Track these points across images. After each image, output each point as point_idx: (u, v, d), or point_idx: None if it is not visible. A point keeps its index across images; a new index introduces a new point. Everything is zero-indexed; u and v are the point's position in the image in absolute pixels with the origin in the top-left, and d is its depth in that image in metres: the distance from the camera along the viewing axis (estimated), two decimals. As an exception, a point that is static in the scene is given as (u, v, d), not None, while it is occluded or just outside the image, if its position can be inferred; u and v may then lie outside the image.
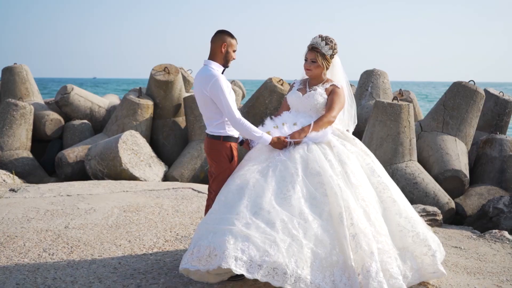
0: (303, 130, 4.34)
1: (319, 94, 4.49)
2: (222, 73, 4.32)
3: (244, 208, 3.88)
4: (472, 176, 9.40)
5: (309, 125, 4.35)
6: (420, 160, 9.11)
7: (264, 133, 4.25)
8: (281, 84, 10.84)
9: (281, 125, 4.41)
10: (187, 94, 11.06)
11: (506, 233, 6.43)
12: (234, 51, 4.37)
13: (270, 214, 3.85)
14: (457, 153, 9.04)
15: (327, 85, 4.55)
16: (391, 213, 4.25)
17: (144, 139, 9.90)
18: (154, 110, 10.60)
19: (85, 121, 11.12)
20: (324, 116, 4.42)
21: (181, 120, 10.87)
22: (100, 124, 11.49)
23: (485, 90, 10.44)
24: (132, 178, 9.12)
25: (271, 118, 4.56)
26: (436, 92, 73.82)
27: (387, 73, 11.02)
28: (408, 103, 8.79)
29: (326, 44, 4.45)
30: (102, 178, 9.22)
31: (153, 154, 9.87)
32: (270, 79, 10.91)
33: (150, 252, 5.09)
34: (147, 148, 9.79)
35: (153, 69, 10.67)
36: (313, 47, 4.49)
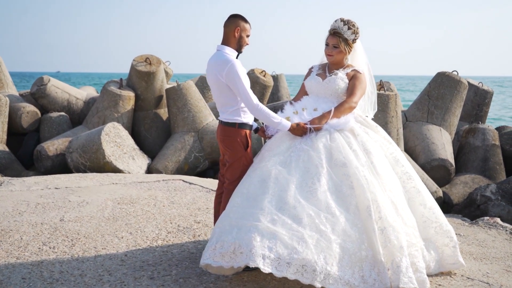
0: (324, 116, 4.15)
1: (340, 78, 4.31)
2: (236, 58, 4.19)
3: (268, 203, 3.72)
4: (456, 165, 9.52)
5: (330, 111, 4.16)
6: (406, 150, 9.18)
7: (282, 119, 4.10)
8: (264, 76, 10.78)
9: (301, 110, 4.24)
10: (168, 86, 10.85)
11: (499, 220, 6.51)
12: (247, 36, 4.23)
13: (296, 209, 3.70)
14: (443, 142, 9.14)
15: (348, 70, 4.36)
16: (415, 204, 4.17)
17: (127, 131, 9.68)
18: (135, 102, 10.37)
19: (63, 113, 10.77)
20: (345, 101, 4.23)
21: (163, 112, 10.66)
22: (78, 116, 11.18)
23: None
24: (116, 170, 8.91)
25: (291, 103, 4.39)
26: (397, 84, 74.88)
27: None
28: (395, 93, 8.84)
29: (349, 28, 4.25)
30: (84, 171, 8.98)
31: (136, 146, 9.67)
32: (253, 70, 10.85)
33: (155, 244, 4.95)
34: (129, 141, 9.58)
35: (134, 60, 10.43)
36: (335, 32, 4.28)
